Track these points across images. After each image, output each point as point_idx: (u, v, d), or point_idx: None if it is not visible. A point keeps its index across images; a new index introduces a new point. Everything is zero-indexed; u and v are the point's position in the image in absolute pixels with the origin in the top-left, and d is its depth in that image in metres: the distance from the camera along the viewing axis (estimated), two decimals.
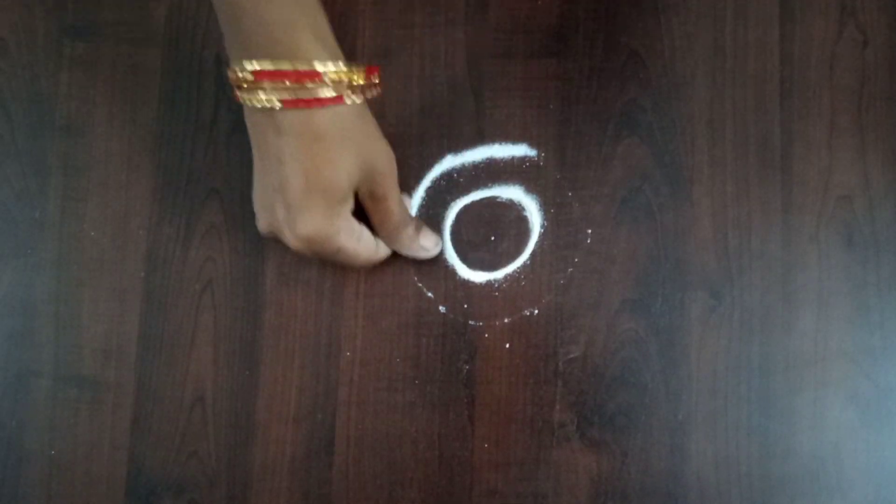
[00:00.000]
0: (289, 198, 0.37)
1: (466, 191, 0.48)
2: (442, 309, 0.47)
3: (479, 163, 0.48)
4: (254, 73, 0.33)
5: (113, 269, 0.48)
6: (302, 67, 0.33)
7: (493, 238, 0.47)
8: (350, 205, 0.39)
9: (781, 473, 0.45)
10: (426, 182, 0.47)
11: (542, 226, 0.47)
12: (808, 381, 0.46)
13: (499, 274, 0.47)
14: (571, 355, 0.46)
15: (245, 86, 0.34)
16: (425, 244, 0.45)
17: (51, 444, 0.47)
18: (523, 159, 0.47)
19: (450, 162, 0.48)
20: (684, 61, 0.47)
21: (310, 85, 0.34)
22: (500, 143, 0.48)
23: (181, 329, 0.47)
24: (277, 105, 0.34)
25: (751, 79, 0.47)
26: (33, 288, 0.48)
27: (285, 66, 0.33)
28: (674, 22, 0.48)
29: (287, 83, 0.33)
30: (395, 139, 0.39)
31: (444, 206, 0.47)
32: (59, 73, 0.49)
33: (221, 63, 0.48)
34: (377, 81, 0.38)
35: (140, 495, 0.47)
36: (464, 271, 0.47)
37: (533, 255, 0.47)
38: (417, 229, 0.45)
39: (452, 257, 0.47)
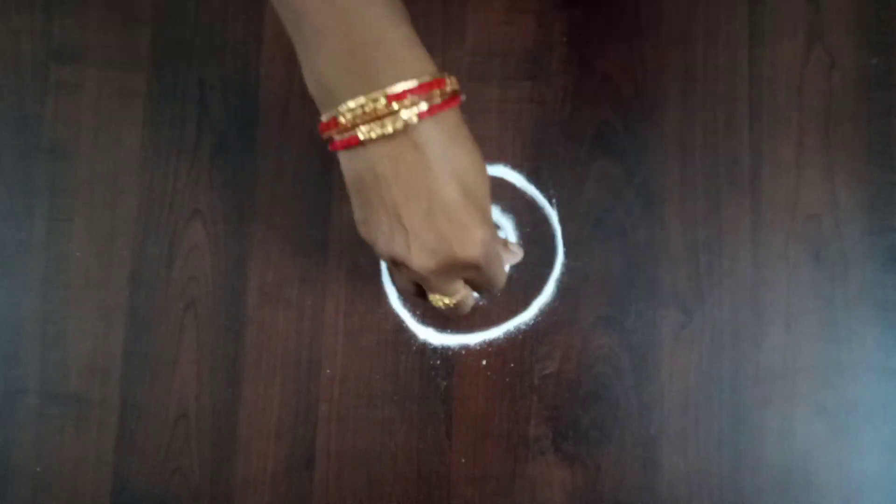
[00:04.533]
0: (448, 209, 0.33)
1: None
2: (420, 326, 0.48)
3: None
4: (391, 96, 0.32)
5: (98, 288, 0.49)
6: (435, 77, 0.33)
7: None
8: None
9: (752, 485, 0.46)
10: None
11: (518, 244, 0.48)
12: (778, 394, 0.47)
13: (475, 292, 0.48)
14: (546, 371, 0.47)
15: (370, 117, 0.32)
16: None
17: (37, 461, 0.48)
18: (499, 180, 0.48)
19: None
20: (656, 84, 0.49)
21: (438, 92, 0.33)
22: None
23: (165, 347, 0.48)
24: (415, 119, 0.32)
25: (721, 101, 0.49)
26: (20, 307, 0.49)
27: (425, 78, 0.32)
28: (645, 46, 0.49)
29: (420, 96, 0.32)
30: None
31: None
32: (46, 96, 0.50)
33: (205, 87, 0.49)
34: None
35: None
36: None
37: (509, 273, 0.48)
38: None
39: None
